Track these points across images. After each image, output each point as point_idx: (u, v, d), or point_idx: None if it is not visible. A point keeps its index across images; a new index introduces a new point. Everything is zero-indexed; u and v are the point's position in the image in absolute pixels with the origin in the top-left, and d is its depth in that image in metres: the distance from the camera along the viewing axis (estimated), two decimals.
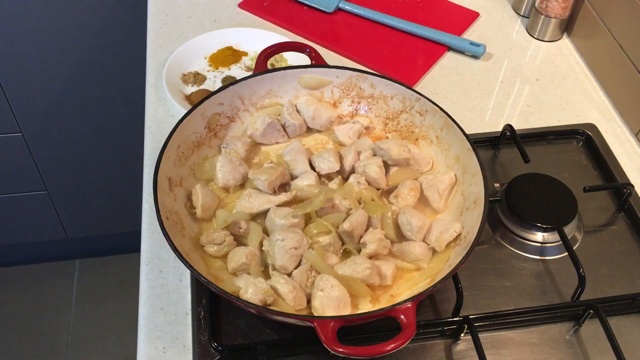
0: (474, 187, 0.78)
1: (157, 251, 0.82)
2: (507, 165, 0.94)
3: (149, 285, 0.79)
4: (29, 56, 1.41)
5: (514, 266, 0.83)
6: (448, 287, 0.77)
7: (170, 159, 0.78)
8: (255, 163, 0.86)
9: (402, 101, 0.88)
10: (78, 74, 1.47)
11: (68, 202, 1.77)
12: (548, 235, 0.84)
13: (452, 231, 0.76)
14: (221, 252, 0.75)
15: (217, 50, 1.08)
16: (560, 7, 1.11)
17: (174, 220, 0.74)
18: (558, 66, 1.11)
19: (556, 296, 0.80)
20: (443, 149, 0.85)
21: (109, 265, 1.98)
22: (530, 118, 1.02)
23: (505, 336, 0.76)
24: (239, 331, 0.74)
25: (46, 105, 1.52)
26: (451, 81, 1.07)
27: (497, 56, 1.12)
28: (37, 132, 1.57)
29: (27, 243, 1.90)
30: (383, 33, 1.14)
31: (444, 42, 1.12)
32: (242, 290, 0.69)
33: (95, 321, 1.88)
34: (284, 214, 0.75)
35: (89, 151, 1.65)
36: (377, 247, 0.75)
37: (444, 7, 1.21)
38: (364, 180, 0.82)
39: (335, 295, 0.69)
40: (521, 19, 1.20)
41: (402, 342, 0.62)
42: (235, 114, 0.88)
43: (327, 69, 0.89)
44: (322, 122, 0.90)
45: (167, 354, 0.73)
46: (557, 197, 0.87)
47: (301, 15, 1.16)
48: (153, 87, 1.02)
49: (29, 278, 1.96)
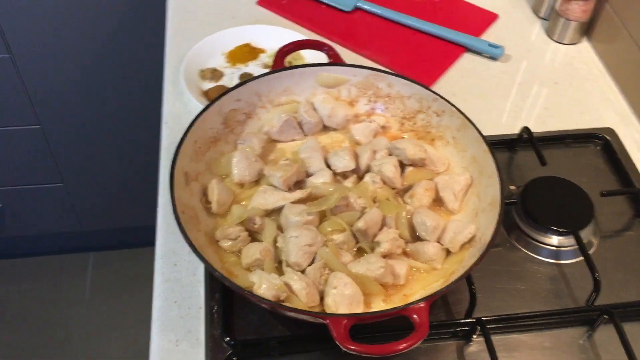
0: (489, 188, 0.77)
1: (171, 245, 0.82)
2: (523, 167, 0.93)
3: (163, 278, 0.79)
4: (49, 49, 1.43)
5: (528, 269, 0.82)
6: (461, 289, 0.77)
7: (186, 153, 0.78)
8: (271, 160, 0.86)
9: (419, 101, 0.88)
10: (97, 68, 1.49)
11: (84, 194, 1.79)
12: (563, 239, 0.83)
13: (466, 232, 0.76)
14: (235, 247, 0.75)
15: (235, 47, 1.09)
16: (580, 10, 1.10)
17: (190, 215, 0.74)
18: (577, 69, 1.11)
19: (570, 300, 0.79)
20: (459, 149, 0.85)
21: (122, 258, 1.99)
22: (548, 121, 1.02)
23: (517, 339, 0.76)
24: (252, 326, 0.75)
25: (65, 98, 1.54)
26: (469, 82, 1.07)
27: (515, 58, 1.12)
28: (55, 125, 1.59)
29: (42, 235, 1.92)
30: (401, 33, 1.14)
31: (462, 43, 1.12)
32: (255, 286, 0.69)
33: (108, 314, 1.89)
34: (299, 211, 0.76)
35: (105, 144, 1.67)
36: (391, 246, 0.75)
37: (463, 8, 1.20)
38: (379, 180, 0.82)
39: (348, 293, 0.69)
40: (541, 21, 1.19)
41: (414, 342, 0.62)
42: (252, 111, 0.88)
43: (344, 68, 0.89)
44: (338, 120, 0.90)
45: (180, 347, 0.73)
46: (573, 201, 0.86)
47: (319, 14, 1.17)
48: (171, 82, 1.03)
49: (43, 270, 1.98)
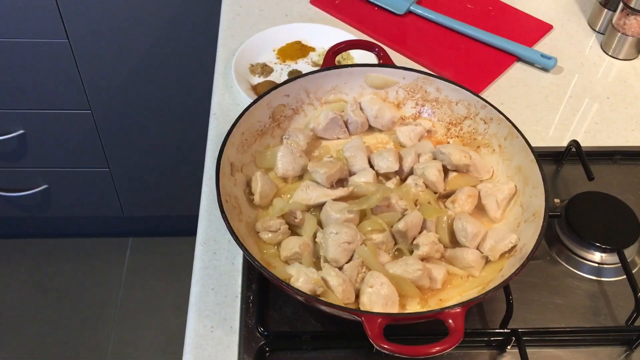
0: (534, 199, 0.77)
1: (212, 233, 0.84)
2: (569, 181, 0.92)
3: (202, 265, 0.81)
4: (105, 37, 1.47)
5: (567, 284, 0.81)
6: (498, 298, 0.76)
7: (234, 144, 0.79)
8: (315, 156, 0.87)
9: (467, 107, 0.87)
10: (150, 58, 1.52)
11: (128, 180, 1.83)
12: (606, 256, 0.82)
13: (507, 242, 0.75)
14: (275, 239, 0.76)
15: (286, 44, 1.10)
16: (638, 26, 1.08)
17: (233, 205, 0.76)
18: (631, 85, 1.08)
19: (609, 319, 0.78)
20: (505, 158, 0.84)
21: (161, 246, 2.03)
22: (597, 136, 1.00)
23: (552, 354, 0.75)
24: (285, 319, 0.75)
25: (117, 85, 1.58)
26: (518, 92, 1.06)
27: (567, 70, 1.10)
28: (105, 111, 1.63)
29: (85, 217, 1.97)
30: (452, 38, 1.13)
31: (514, 52, 1.10)
32: (293, 278, 0.70)
33: (143, 299, 1.93)
34: (340, 209, 0.76)
35: (152, 133, 1.70)
36: (430, 250, 0.75)
37: (517, 17, 1.19)
38: (421, 183, 0.81)
39: (384, 293, 0.69)
40: (596, 34, 1.17)
41: (448, 346, 0.62)
42: (299, 107, 0.89)
43: (394, 70, 0.90)
44: (384, 121, 0.90)
45: (215, 333, 0.74)
46: (619, 219, 0.84)
47: (371, 16, 1.17)
48: (221, 75, 1.05)
49: (83, 251, 2.03)
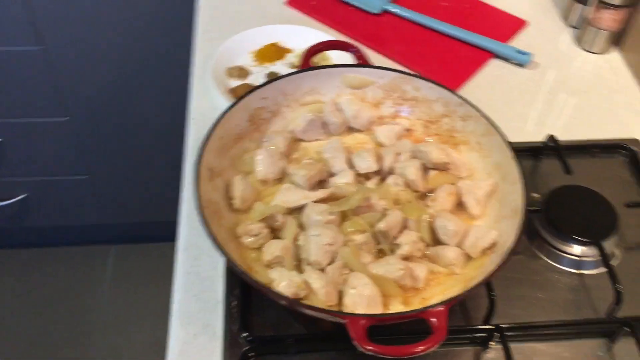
0: (513, 195, 0.77)
1: (193, 239, 0.83)
2: (547, 176, 0.93)
3: (184, 271, 0.80)
4: (80, 43, 1.45)
5: (549, 278, 0.82)
6: (480, 295, 0.77)
7: (212, 149, 0.79)
8: (295, 158, 0.87)
9: (444, 105, 0.88)
10: (125, 63, 1.51)
11: (108, 187, 1.81)
12: (586, 249, 0.83)
13: (488, 238, 0.75)
14: (257, 243, 0.76)
15: (263, 46, 1.09)
16: (612, 19, 1.09)
17: (212, 210, 0.75)
18: (606, 79, 1.09)
19: (591, 311, 0.78)
20: (483, 155, 0.84)
21: (143, 252, 2.01)
22: (574, 130, 1.01)
23: (535, 348, 0.75)
24: (269, 323, 0.75)
25: (93, 92, 1.56)
26: (495, 88, 1.06)
27: (543, 66, 1.11)
28: (82, 118, 1.61)
29: (65, 226, 1.95)
30: (428, 36, 1.14)
31: (489, 48, 1.11)
32: (275, 282, 0.69)
33: (126, 306, 1.91)
34: (321, 210, 0.76)
35: (131, 139, 1.69)
36: (412, 249, 0.75)
37: (491, 13, 1.20)
38: (401, 182, 0.82)
39: (367, 294, 0.69)
40: (570, 29, 1.18)
41: (432, 345, 0.62)
42: (277, 109, 0.89)
43: (371, 69, 0.90)
44: (363, 121, 0.90)
45: (198, 340, 0.74)
46: (597, 211, 0.85)
47: (347, 16, 1.17)
48: (198, 79, 1.04)
49: (64, 260, 2.01)
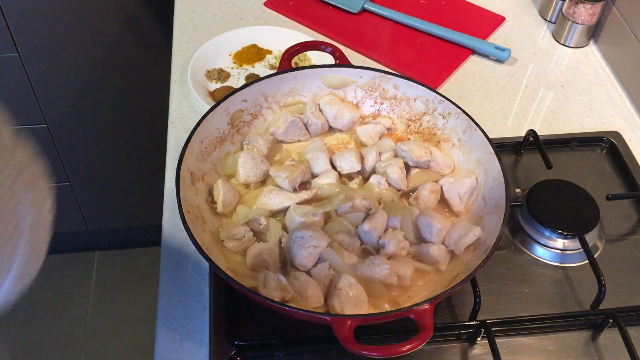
0: (495, 191, 0.77)
1: (177, 245, 0.82)
2: (529, 170, 0.93)
3: (168, 277, 0.79)
4: (56, 49, 1.43)
5: (533, 272, 0.82)
6: (466, 291, 0.77)
7: (193, 153, 0.78)
8: (277, 160, 0.86)
9: (425, 103, 0.88)
10: (103, 68, 1.49)
11: (89, 194, 1.79)
12: (569, 242, 0.83)
13: (471, 235, 0.76)
14: (241, 247, 0.75)
15: (242, 48, 1.09)
16: (587, 14, 1.10)
17: (195, 215, 0.75)
18: (584, 73, 1.10)
19: (575, 304, 0.79)
20: (465, 152, 0.85)
21: (127, 258, 1.99)
22: (554, 124, 1.01)
23: (522, 342, 0.76)
24: (255, 327, 0.75)
25: (71, 97, 1.54)
26: (475, 85, 1.07)
27: (522, 61, 1.12)
28: (61, 124, 1.59)
29: None
30: (408, 35, 1.14)
31: (468, 45, 1.11)
32: (260, 286, 0.69)
33: (112, 313, 1.89)
34: (304, 212, 0.76)
35: (111, 144, 1.67)
36: (396, 247, 0.75)
37: (470, 10, 1.20)
38: (384, 181, 0.82)
39: (353, 295, 0.69)
40: (547, 24, 1.19)
41: (418, 343, 0.62)
42: (258, 111, 0.88)
43: (350, 69, 0.90)
44: (344, 122, 0.90)
45: (184, 346, 0.73)
46: (579, 205, 0.86)
47: (326, 15, 1.17)
48: (177, 82, 1.03)
49: (48, 268, 1.95)
